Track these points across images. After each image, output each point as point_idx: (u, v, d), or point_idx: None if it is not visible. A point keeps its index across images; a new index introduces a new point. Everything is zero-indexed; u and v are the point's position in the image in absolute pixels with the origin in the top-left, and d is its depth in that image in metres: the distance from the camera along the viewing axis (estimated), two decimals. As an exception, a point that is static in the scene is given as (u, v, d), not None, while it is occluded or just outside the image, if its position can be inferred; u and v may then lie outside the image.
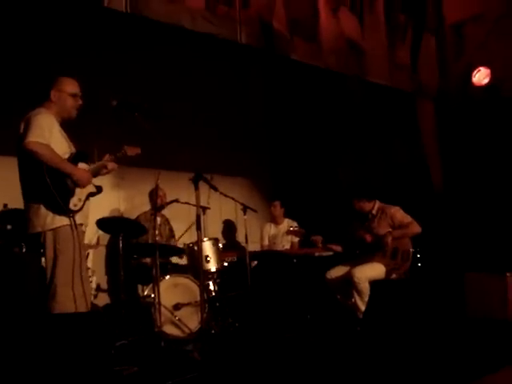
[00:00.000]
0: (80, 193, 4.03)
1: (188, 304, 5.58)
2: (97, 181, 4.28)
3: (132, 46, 6.71)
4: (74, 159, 4.06)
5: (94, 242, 6.12)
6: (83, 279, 3.92)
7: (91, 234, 5.96)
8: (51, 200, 3.85)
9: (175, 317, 5.53)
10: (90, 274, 5.37)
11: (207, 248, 5.97)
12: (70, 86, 4.17)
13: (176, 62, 7.22)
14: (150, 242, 5.97)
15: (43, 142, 3.83)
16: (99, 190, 4.22)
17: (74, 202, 3.96)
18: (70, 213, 3.91)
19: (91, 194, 4.16)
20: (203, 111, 7.51)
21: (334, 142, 8.25)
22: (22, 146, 3.82)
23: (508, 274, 6.07)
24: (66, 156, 4.02)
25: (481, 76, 7.29)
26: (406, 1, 7.55)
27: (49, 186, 3.82)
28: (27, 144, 3.80)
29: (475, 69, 7.31)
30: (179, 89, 7.23)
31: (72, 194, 3.96)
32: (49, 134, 3.90)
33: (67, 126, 4.18)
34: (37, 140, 3.81)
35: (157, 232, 5.49)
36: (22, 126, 3.91)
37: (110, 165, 4.37)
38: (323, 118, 8.23)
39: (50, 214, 3.88)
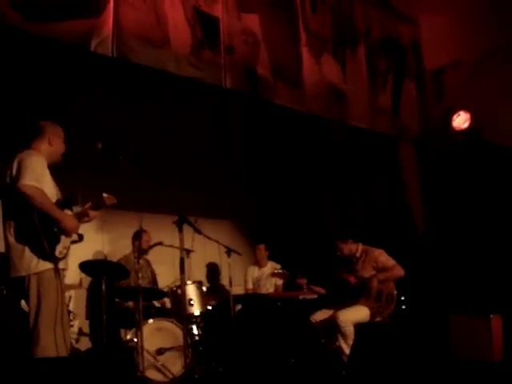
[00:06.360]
0: (65, 240, 4.01)
1: (171, 348, 5.50)
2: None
3: (116, 88, 6.78)
4: (60, 206, 4.05)
5: (76, 283, 6.05)
6: (64, 323, 3.88)
7: (74, 276, 5.91)
8: (38, 245, 3.82)
9: (158, 361, 5.44)
10: (71, 317, 5.31)
11: (191, 291, 5.92)
12: (62, 132, 4.22)
13: (159, 105, 7.29)
14: (131, 284, 5.92)
15: (38, 186, 3.82)
16: (81, 238, 4.21)
17: (59, 250, 3.95)
18: (55, 260, 3.89)
19: (73, 242, 4.15)
20: (187, 154, 7.56)
21: (318, 184, 8.31)
22: (16, 188, 3.79)
23: (492, 316, 6.08)
24: (54, 201, 4.01)
25: (461, 120, 7.40)
26: (386, 48, 7.73)
27: (38, 231, 3.80)
28: (22, 187, 3.78)
29: (455, 113, 7.44)
30: (163, 132, 7.29)
31: (58, 241, 3.95)
32: (41, 178, 3.90)
33: (52, 168, 4.18)
34: (32, 184, 3.80)
35: (140, 275, 5.43)
36: (15, 167, 3.88)
37: (92, 213, 4.34)
38: (306, 160, 8.30)
39: (35, 258, 3.84)
